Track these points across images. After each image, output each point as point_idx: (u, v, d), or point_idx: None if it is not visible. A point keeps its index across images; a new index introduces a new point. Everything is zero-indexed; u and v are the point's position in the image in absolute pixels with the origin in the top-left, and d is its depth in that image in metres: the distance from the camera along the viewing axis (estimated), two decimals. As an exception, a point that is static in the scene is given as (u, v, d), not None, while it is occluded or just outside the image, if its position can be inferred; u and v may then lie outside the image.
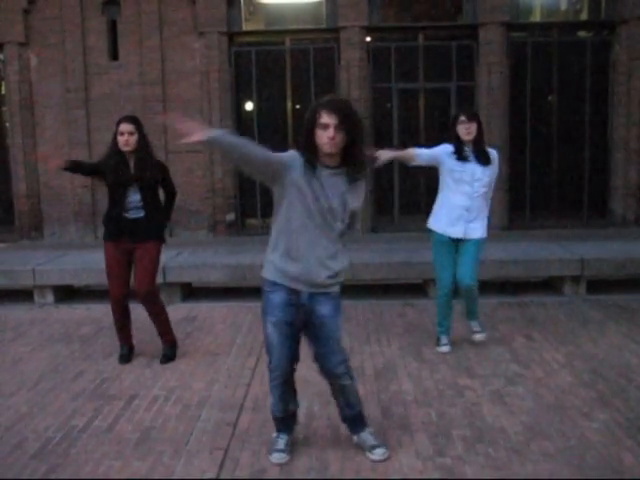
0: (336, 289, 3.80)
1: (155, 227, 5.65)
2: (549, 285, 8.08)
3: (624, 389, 4.86)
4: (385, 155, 5.47)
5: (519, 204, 11.14)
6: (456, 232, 5.61)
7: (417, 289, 7.98)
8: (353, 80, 10.89)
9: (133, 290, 5.64)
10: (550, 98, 11.35)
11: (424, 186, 11.06)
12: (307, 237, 3.64)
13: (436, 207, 5.80)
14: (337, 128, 3.48)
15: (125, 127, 5.42)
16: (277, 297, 3.72)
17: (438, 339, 5.92)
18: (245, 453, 3.99)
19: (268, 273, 3.77)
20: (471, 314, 5.92)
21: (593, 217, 11.42)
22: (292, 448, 3.96)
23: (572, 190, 11.40)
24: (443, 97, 11.25)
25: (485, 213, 5.70)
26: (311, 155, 3.58)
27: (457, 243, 5.67)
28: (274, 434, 4.04)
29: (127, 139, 5.40)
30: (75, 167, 5.74)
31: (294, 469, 3.78)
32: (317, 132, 3.53)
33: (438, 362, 5.56)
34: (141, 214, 5.53)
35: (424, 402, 4.71)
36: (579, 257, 7.79)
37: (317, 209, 3.60)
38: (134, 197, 5.50)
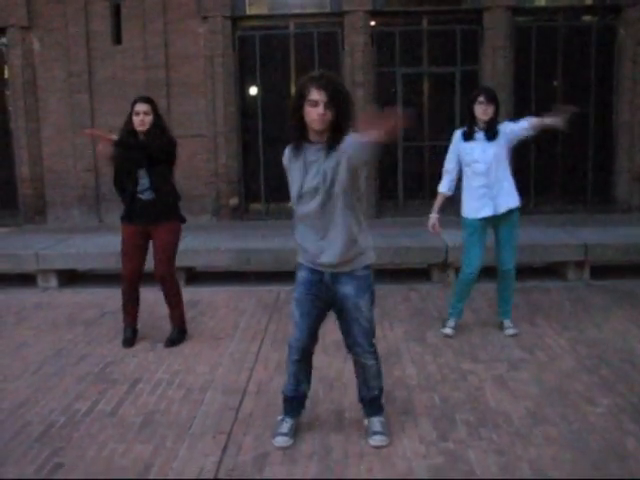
0: (359, 267, 3.76)
1: (170, 207, 5.66)
2: (553, 270, 8.06)
3: (628, 374, 4.86)
4: (434, 221, 5.81)
5: (523, 189, 10.99)
6: (485, 211, 5.62)
7: (421, 274, 7.97)
8: (357, 65, 10.84)
9: (146, 273, 5.66)
10: (555, 82, 11.29)
11: (428, 171, 11.03)
12: (309, 221, 3.69)
13: (462, 194, 5.80)
14: (326, 105, 3.46)
15: (141, 107, 5.42)
16: (301, 275, 3.84)
17: (446, 320, 5.92)
18: (248, 437, 4.00)
19: (298, 255, 3.91)
20: (505, 309, 5.92)
21: (597, 202, 11.38)
22: (295, 432, 3.97)
23: (576, 175, 11.36)
24: (447, 82, 11.20)
25: (508, 184, 5.68)
26: (299, 133, 3.60)
27: (493, 225, 5.69)
28: (279, 417, 4.04)
29: (142, 119, 5.40)
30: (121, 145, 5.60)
31: (297, 453, 3.78)
32: (306, 108, 3.51)
33: (442, 347, 5.56)
34: (152, 195, 5.53)
35: (427, 386, 4.71)
36: (583, 242, 7.77)
37: (307, 189, 3.63)
38: (145, 179, 5.50)
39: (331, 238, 3.67)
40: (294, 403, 4.02)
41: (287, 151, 3.75)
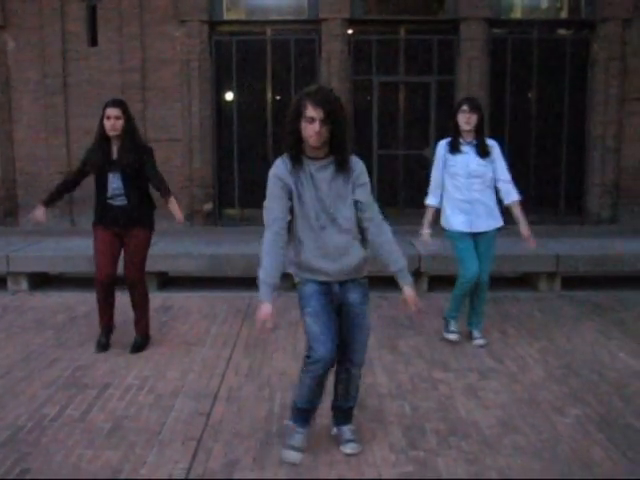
0: (362, 275, 3.96)
1: (142, 214, 5.61)
2: (524, 281, 8.13)
3: (596, 384, 4.90)
4: (427, 238, 5.83)
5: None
6: (462, 226, 5.65)
7: (393, 282, 7.97)
8: (334, 72, 10.87)
9: (120, 277, 5.63)
10: (529, 95, 11.39)
11: (402, 179, 11.07)
12: (320, 237, 3.68)
13: (444, 206, 5.79)
14: (323, 122, 3.48)
15: (111, 111, 5.36)
16: (310, 288, 3.76)
17: (447, 324, 5.95)
18: (218, 444, 3.98)
19: (295, 276, 3.84)
20: (476, 320, 5.95)
21: (569, 214, 11.49)
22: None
23: (549, 187, 11.46)
24: (423, 91, 11.26)
25: (491, 205, 5.72)
26: (296, 149, 3.60)
27: (474, 237, 5.70)
28: (289, 422, 3.93)
29: (113, 123, 5.35)
30: (53, 198, 5.69)
31: (267, 460, 3.77)
32: (302, 124, 3.53)
33: (413, 355, 5.58)
34: (125, 202, 5.49)
35: (398, 395, 4.72)
36: (554, 253, 7.85)
37: (314, 204, 3.63)
38: (117, 183, 5.46)
39: (348, 251, 3.76)
40: (310, 414, 3.92)
41: (283, 163, 3.66)
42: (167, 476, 3.60)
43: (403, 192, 11.07)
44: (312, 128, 3.49)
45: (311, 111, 3.48)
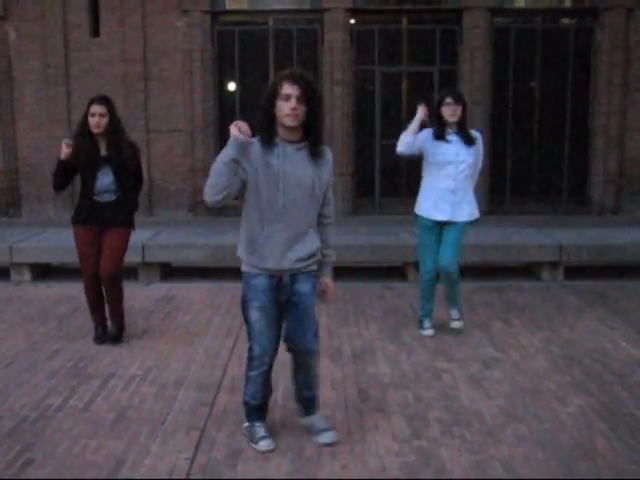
0: (313, 267, 3.80)
1: (126, 212, 5.57)
2: (528, 270, 8.13)
3: (599, 374, 4.91)
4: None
5: (499, 189, 11.18)
6: (442, 215, 5.58)
7: (397, 272, 8.00)
8: (336, 62, 10.84)
9: None
10: (532, 84, 11.36)
11: (405, 169, 11.05)
12: (282, 221, 3.63)
13: (420, 192, 5.74)
14: (299, 99, 3.46)
15: (96, 108, 5.30)
16: (259, 282, 3.70)
17: (421, 322, 5.92)
18: (221, 433, 3.99)
19: (245, 265, 3.79)
20: (450, 300, 5.88)
21: (572, 204, 11.47)
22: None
23: (552, 176, 11.44)
24: (426, 81, 11.23)
25: (471, 194, 5.67)
26: (269, 131, 3.57)
27: (442, 226, 5.63)
28: (246, 424, 3.95)
29: (98, 121, 5.30)
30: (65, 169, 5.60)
31: (270, 450, 3.78)
32: (278, 104, 3.50)
33: (416, 345, 5.58)
34: (113, 197, 5.46)
35: (401, 385, 4.73)
36: (558, 243, 7.84)
37: (277, 187, 3.58)
38: (106, 180, 5.42)
39: (305, 239, 3.70)
40: (263, 409, 3.97)
41: (255, 144, 3.60)
42: (171, 466, 3.61)
43: (405, 182, 11.05)
44: (288, 105, 3.46)
45: (287, 88, 3.46)
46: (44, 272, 8.18)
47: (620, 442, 3.84)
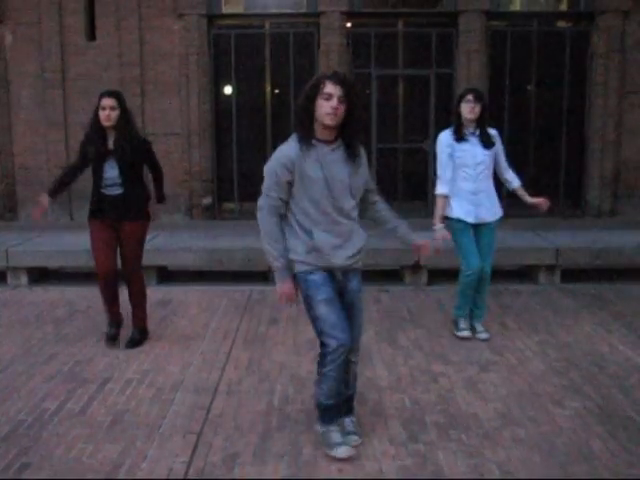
0: (360, 264, 3.89)
1: (137, 205, 5.56)
2: (524, 273, 8.13)
3: (595, 377, 4.91)
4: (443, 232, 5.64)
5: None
6: (468, 216, 5.63)
7: (393, 275, 8.00)
8: (332, 65, 10.81)
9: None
10: (528, 87, 11.37)
11: (402, 173, 11.06)
12: (324, 220, 3.67)
13: (450, 195, 5.74)
14: (340, 99, 3.50)
15: (107, 102, 5.32)
16: (318, 277, 3.72)
17: (456, 323, 5.91)
18: (218, 437, 3.99)
19: (299, 265, 3.75)
20: (480, 309, 5.93)
21: (569, 207, 11.47)
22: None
23: (548, 179, 11.43)
24: (422, 84, 11.23)
25: (493, 194, 5.76)
26: (307, 130, 3.60)
27: (475, 227, 5.69)
28: (320, 429, 3.87)
29: (109, 114, 5.31)
30: (57, 189, 5.70)
31: (267, 454, 3.78)
32: (319, 102, 3.53)
33: (412, 348, 5.58)
34: (119, 191, 5.45)
35: (398, 388, 4.73)
36: (554, 246, 7.85)
37: (321, 188, 3.61)
38: (112, 173, 5.42)
39: (353, 238, 3.80)
40: (339, 408, 3.90)
41: (290, 144, 3.64)
42: (167, 470, 3.60)
43: (403, 185, 11.06)
44: (330, 104, 3.50)
45: (330, 88, 3.51)
46: (41, 276, 8.17)
47: (617, 445, 3.85)
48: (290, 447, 3.86)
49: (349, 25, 11.04)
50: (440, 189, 5.70)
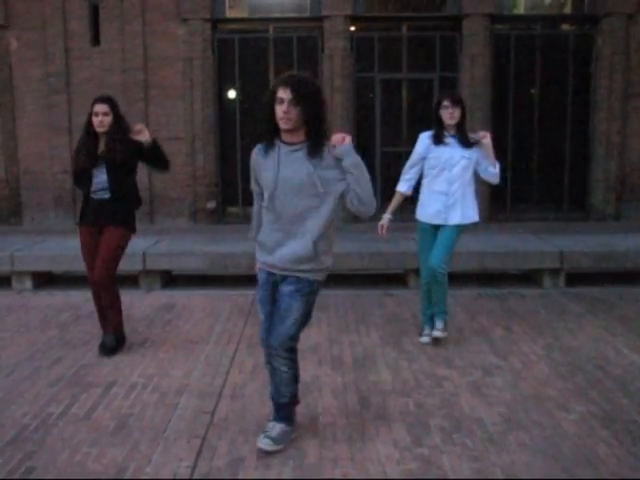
0: (308, 271, 3.75)
1: (123, 212, 5.49)
2: (529, 277, 8.12)
3: (601, 381, 4.90)
4: (384, 222, 5.66)
5: (500, 196, 11.18)
6: (436, 218, 5.57)
7: (397, 279, 8.00)
8: (336, 69, 10.86)
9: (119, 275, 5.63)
10: (533, 91, 11.38)
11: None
12: (272, 218, 3.75)
13: (420, 196, 5.74)
14: (290, 103, 3.52)
15: (99, 107, 5.32)
16: (261, 274, 3.92)
17: (422, 329, 5.90)
18: (223, 441, 3.99)
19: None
20: (437, 307, 5.72)
21: (573, 210, 11.47)
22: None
23: (553, 183, 11.45)
24: (426, 88, 11.25)
25: (469, 198, 5.59)
26: (269, 131, 3.69)
27: (438, 229, 5.62)
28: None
29: (102, 120, 5.31)
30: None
31: (271, 458, 3.77)
32: (275, 107, 3.58)
33: (417, 352, 5.57)
34: (106, 196, 5.41)
35: (402, 392, 4.72)
36: (559, 250, 7.84)
37: (269, 188, 3.70)
38: (100, 178, 5.39)
39: (297, 242, 3.72)
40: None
41: (256, 150, 3.82)
42: (172, 474, 3.60)
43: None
44: (280, 109, 3.54)
45: (280, 92, 3.55)
46: (45, 280, 8.18)
47: (622, 449, 3.83)
48: (294, 451, 3.85)
49: (353, 29, 11.07)
50: (399, 187, 5.76)
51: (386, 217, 5.68)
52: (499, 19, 11.14)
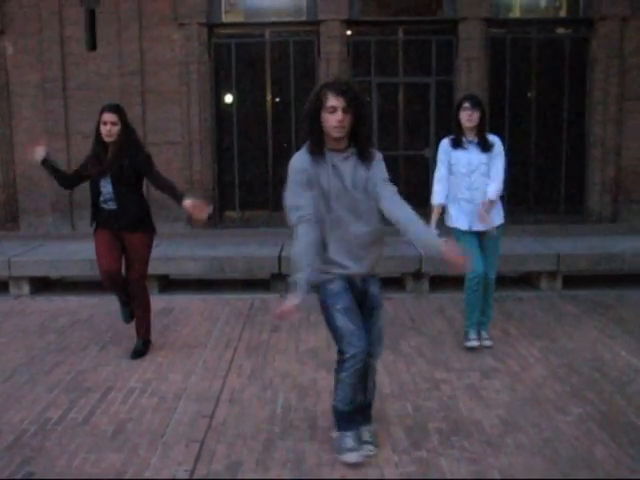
0: (378, 269, 3.87)
1: (135, 219, 5.49)
2: (526, 280, 8.14)
3: (598, 383, 4.91)
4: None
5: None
6: (463, 225, 5.60)
7: (395, 283, 8.00)
8: (332, 73, 10.82)
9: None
10: (528, 94, 11.40)
11: (403, 180, 11.07)
12: (339, 231, 3.63)
13: (448, 204, 5.72)
14: (345, 110, 3.47)
15: (108, 117, 5.29)
16: (338, 285, 3.69)
17: (466, 333, 5.79)
18: (221, 445, 3.99)
19: (319, 273, 3.68)
20: (483, 319, 5.83)
21: (570, 213, 11.49)
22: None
23: (549, 186, 11.47)
24: (422, 92, 11.27)
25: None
26: (317, 142, 3.57)
27: (479, 235, 5.63)
28: (335, 433, 3.90)
29: (110, 129, 5.28)
30: (52, 169, 5.71)
31: (270, 461, 3.78)
32: (324, 115, 3.50)
33: (415, 356, 5.58)
34: (114, 207, 5.43)
35: (400, 395, 4.73)
36: (555, 252, 7.85)
37: (338, 197, 3.59)
38: (107, 189, 5.40)
39: (372, 245, 3.73)
40: (355, 415, 3.88)
41: (302, 156, 3.62)
42: (171, 478, 3.60)
43: (404, 193, 11.02)
44: (334, 118, 3.47)
45: (332, 100, 3.47)
46: (43, 285, 8.18)
47: (620, 451, 3.84)
48: (293, 455, 3.86)
49: (349, 33, 11.08)
50: (433, 199, 5.72)
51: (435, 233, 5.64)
52: (495, 23, 11.15)
